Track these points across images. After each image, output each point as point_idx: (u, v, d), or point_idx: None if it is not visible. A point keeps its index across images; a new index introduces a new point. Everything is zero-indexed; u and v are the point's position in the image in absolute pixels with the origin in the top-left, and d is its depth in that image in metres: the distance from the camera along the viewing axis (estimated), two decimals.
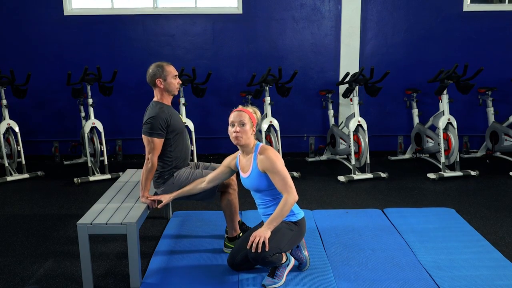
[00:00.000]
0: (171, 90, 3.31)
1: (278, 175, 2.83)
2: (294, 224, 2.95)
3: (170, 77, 3.28)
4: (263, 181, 2.91)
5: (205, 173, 3.34)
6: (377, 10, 6.23)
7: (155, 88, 3.31)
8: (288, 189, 2.83)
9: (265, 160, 2.86)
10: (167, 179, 3.30)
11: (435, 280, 2.95)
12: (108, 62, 6.08)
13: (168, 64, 3.33)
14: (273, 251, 2.81)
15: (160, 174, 3.31)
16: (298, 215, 2.99)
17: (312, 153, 6.52)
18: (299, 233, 2.98)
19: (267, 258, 2.79)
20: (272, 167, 2.84)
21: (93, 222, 2.92)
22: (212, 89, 6.17)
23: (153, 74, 3.28)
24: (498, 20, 6.22)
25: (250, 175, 2.96)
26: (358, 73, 5.44)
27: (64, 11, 6.18)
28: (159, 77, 3.26)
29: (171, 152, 3.29)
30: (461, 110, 6.33)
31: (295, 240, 2.96)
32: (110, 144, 6.42)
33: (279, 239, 2.85)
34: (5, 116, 5.58)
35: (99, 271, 3.18)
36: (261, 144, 2.98)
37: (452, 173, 5.36)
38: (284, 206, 2.83)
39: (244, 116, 2.91)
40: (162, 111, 3.22)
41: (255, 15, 6.23)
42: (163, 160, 3.29)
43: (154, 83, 3.28)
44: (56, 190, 5.12)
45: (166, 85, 3.28)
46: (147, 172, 3.19)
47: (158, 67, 3.28)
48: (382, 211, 4.27)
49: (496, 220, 4.02)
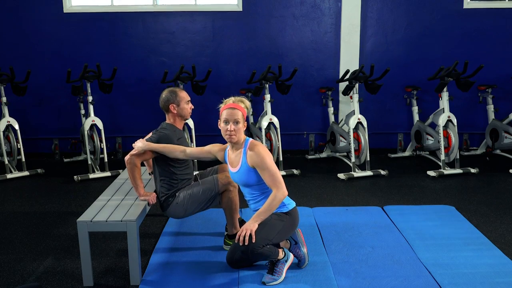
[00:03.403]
0: (184, 115, 3.38)
1: (268, 171, 2.84)
2: (285, 215, 2.96)
3: (183, 103, 3.35)
4: (252, 176, 2.92)
5: (202, 182, 3.37)
6: (377, 8, 6.22)
7: (168, 113, 3.38)
8: (278, 184, 2.84)
9: (254, 156, 2.86)
10: (171, 201, 3.32)
11: (434, 277, 2.95)
12: (108, 60, 6.08)
13: (181, 90, 3.40)
14: (262, 243, 2.82)
15: (165, 197, 3.33)
16: (289, 206, 3.00)
17: (312, 151, 6.52)
18: (291, 223, 2.98)
19: (256, 250, 2.81)
20: (261, 163, 2.84)
21: (93, 219, 2.92)
22: (212, 87, 6.17)
23: (167, 99, 3.34)
24: (498, 17, 6.21)
25: (239, 170, 2.96)
26: (358, 70, 5.43)
27: (63, 8, 6.17)
28: (173, 103, 3.32)
29: (177, 175, 3.32)
30: (461, 108, 6.33)
31: (286, 231, 2.96)
32: (110, 141, 6.42)
33: (268, 230, 2.86)
34: (5, 114, 5.58)
35: (99, 268, 3.18)
36: (250, 140, 2.98)
37: (452, 171, 5.36)
38: (273, 201, 2.84)
39: (238, 114, 2.90)
40: (174, 134, 3.30)
41: (255, 13, 6.22)
42: (169, 183, 3.32)
43: (168, 108, 3.35)
44: (56, 187, 5.12)
45: (179, 110, 3.34)
46: (132, 172, 3.20)
47: (171, 92, 3.35)
48: (382, 208, 4.27)
49: (496, 218, 4.02)
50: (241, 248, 2.83)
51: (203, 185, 3.32)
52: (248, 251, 2.82)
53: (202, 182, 3.35)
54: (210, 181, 3.33)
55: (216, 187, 3.28)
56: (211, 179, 3.33)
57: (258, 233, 2.83)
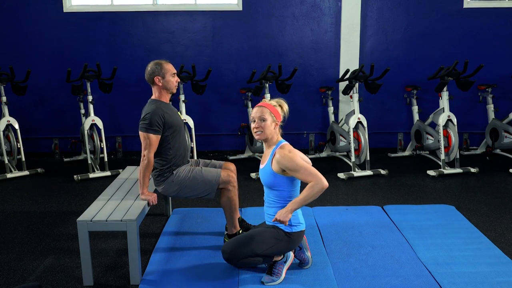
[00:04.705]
0: (170, 88, 3.33)
1: (301, 171, 2.79)
2: (284, 235, 2.90)
3: (168, 75, 3.29)
4: (272, 179, 2.89)
5: (204, 170, 3.34)
6: (377, 7, 6.21)
7: (153, 85, 3.33)
8: (314, 177, 2.78)
9: (283, 160, 2.81)
10: (167, 177, 3.30)
11: (434, 277, 2.96)
12: (107, 59, 6.08)
13: (167, 62, 3.34)
14: (245, 254, 2.84)
15: (160, 172, 3.31)
16: (294, 228, 2.92)
17: (312, 150, 6.52)
18: (287, 244, 2.92)
19: (238, 260, 2.88)
20: (292, 166, 2.79)
21: (93, 219, 2.92)
22: (212, 86, 6.17)
23: (152, 72, 3.29)
24: (499, 17, 6.21)
25: (264, 168, 2.96)
26: (358, 70, 5.43)
27: (63, 7, 6.16)
28: (158, 75, 3.28)
29: (170, 149, 3.29)
30: (461, 107, 6.33)
31: (279, 249, 2.91)
32: (110, 141, 6.42)
33: (256, 244, 2.85)
34: (5, 113, 5.58)
35: (99, 268, 3.18)
36: (282, 143, 2.94)
37: (452, 170, 5.36)
38: (311, 191, 2.75)
39: (265, 112, 2.89)
40: (159, 108, 3.23)
41: (255, 12, 6.22)
42: (162, 158, 3.29)
43: (153, 80, 3.30)
44: (56, 187, 5.12)
45: (165, 83, 3.30)
46: (144, 169, 3.20)
47: (156, 65, 3.30)
48: (382, 208, 4.27)
49: (496, 217, 4.02)
50: (224, 256, 2.90)
51: (205, 174, 3.30)
52: (230, 259, 2.90)
53: (205, 170, 3.33)
54: (213, 173, 3.31)
55: (216, 181, 3.28)
56: (214, 172, 3.31)
57: (245, 244, 2.85)
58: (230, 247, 2.89)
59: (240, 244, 2.88)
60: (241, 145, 6.52)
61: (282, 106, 2.99)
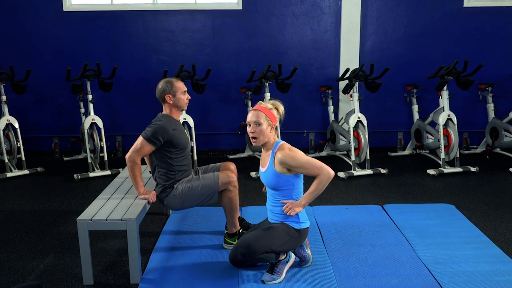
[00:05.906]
0: (180, 106, 3.38)
1: (305, 166, 2.85)
2: (295, 231, 2.97)
3: (179, 93, 3.34)
4: (276, 180, 2.93)
5: (202, 177, 3.35)
6: (377, 6, 6.21)
7: (164, 103, 3.38)
8: (319, 170, 2.84)
9: (286, 159, 2.86)
10: (169, 192, 3.32)
11: (434, 276, 2.96)
12: (107, 58, 6.08)
13: (177, 80, 3.39)
14: (262, 250, 2.84)
15: (163, 188, 3.33)
16: (302, 224, 2.99)
17: (312, 149, 6.52)
18: (297, 240, 2.99)
19: (255, 255, 2.84)
20: (295, 163, 2.85)
21: (93, 218, 2.92)
22: (212, 85, 6.17)
23: (163, 90, 3.34)
24: (499, 16, 6.21)
25: (266, 171, 2.99)
26: (358, 69, 5.43)
27: (63, 6, 6.16)
28: (168, 93, 3.32)
29: (174, 166, 3.32)
30: (461, 106, 6.33)
31: (290, 245, 2.97)
32: (110, 140, 6.42)
33: (272, 240, 2.88)
34: (5, 112, 5.58)
35: (99, 267, 3.18)
36: (280, 143, 2.97)
37: (452, 169, 5.36)
38: (320, 183, 2.85)
39: (260, 116, 2.90)
40: (169, 124, 3.27)
41: (254, 11, 6.22)
42: (166, 174, 3.32)
43: (164, 98, 3.35)
44: (56, 186, 5.12)
45: (175, 100, 3.34)
46: (132, 170, 3.21)
47: (167, 83, 3.35)
48: (382, 207, 4.27)
49: (496, 216, 4.02)
50: (241, 251, 2.87)
51: (203, 181, 3.32)
52: (247, 255, 2.86)
53: (203, 178, 3.35)
54: (211, 178, 3.32)
55: (216, 184, 3.28)
56: (212, 176, 3.32)
57: (262, 239, 2.85)
58: (247, 242, 2.88)
59: (257, 239, 2.88)
60: (241, 144, 6.52)
61: (278, 108, 3.00)
